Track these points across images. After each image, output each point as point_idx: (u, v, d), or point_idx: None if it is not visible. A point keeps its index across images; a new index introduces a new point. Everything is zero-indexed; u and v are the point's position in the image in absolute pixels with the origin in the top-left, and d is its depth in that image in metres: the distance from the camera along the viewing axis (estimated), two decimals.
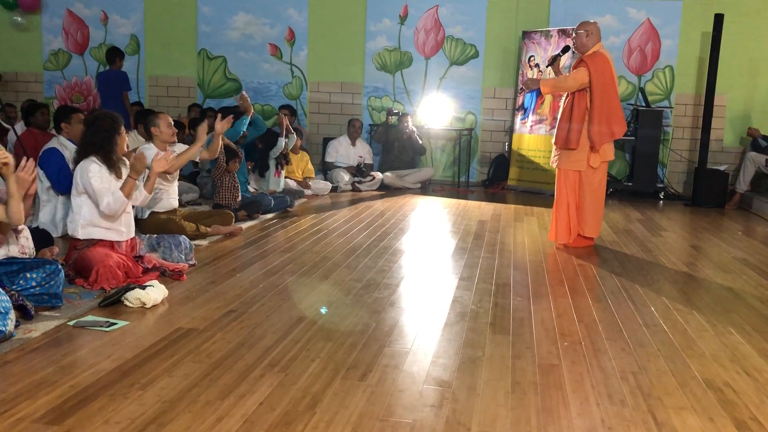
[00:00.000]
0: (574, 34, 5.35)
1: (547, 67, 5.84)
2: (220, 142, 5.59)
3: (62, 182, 4.97)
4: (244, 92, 6.64)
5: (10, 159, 3.23)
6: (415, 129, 8.89)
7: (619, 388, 2.70)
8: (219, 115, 5.63)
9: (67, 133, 5.10)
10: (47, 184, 5.09)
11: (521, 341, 3.19)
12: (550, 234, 5.49)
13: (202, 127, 5.17)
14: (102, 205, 3.90)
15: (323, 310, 3.60)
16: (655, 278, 4.50)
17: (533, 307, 3.76)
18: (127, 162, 4.18)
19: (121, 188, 3.95)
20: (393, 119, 8.87)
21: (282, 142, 7.27)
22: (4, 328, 2.88)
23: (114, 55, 8.53)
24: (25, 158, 3.42)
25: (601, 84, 5.16)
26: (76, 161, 4.00)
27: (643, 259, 5.07)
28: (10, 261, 3.37)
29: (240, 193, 6.18)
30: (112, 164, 3.99)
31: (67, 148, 5.03)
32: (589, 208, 5.33)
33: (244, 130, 6.44)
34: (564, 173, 5.36)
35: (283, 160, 7.44)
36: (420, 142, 8.91)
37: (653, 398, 2.61)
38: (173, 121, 5.14)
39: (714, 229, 6.49)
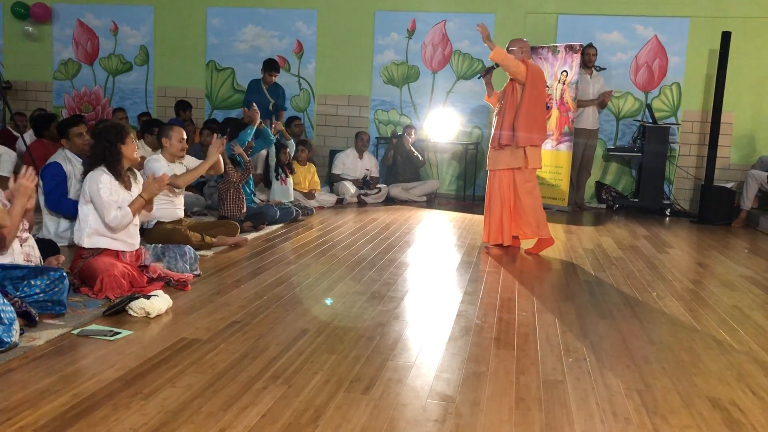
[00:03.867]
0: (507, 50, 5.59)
1: (478, 78, 6.03)
2: (223, 158, 5.67)
3: (54, 200, 4.94)
4: (255, 105, 6.79)
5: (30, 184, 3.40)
6: (413, 149, 8.93)
7: (623, 405, 2.68)
8: (215, 135, 5.92)
9: (69, 148, 5.07)
10: None
11: (526, 357, 3.18)
12: (484, 236, 5.72)
13: (215, 147, 5.24)
14: (109, 217, 3.91)
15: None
16: (661, 295, 4.48)
17: (538, 322, 3.74)
18: (138, 174, 4.21)
19: (130, 205, 3.99)
20: (396, 140, 8.95)
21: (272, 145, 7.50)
22: (9, 339, 2.87)
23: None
24: (25, 167, 3.43)
25: (532, 87, 5.45)
26: (85, 173, 4.04)
27: (649, 275, 5.05)
28: (14, 266, 3.36)
29: (245, 205, 6.20)
30: (119, 175, 4.02)
31: (71, 161, 5.02)
32: (528, 210, 5.54)
33: (249, 139, 6.54)
34: (496, 174, 5.61)
35: (287, 168, 7.50)
36: (419, 157, 8.96)
37: (658, 416, 2.59)
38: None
39: (720, 247, 6.47)
